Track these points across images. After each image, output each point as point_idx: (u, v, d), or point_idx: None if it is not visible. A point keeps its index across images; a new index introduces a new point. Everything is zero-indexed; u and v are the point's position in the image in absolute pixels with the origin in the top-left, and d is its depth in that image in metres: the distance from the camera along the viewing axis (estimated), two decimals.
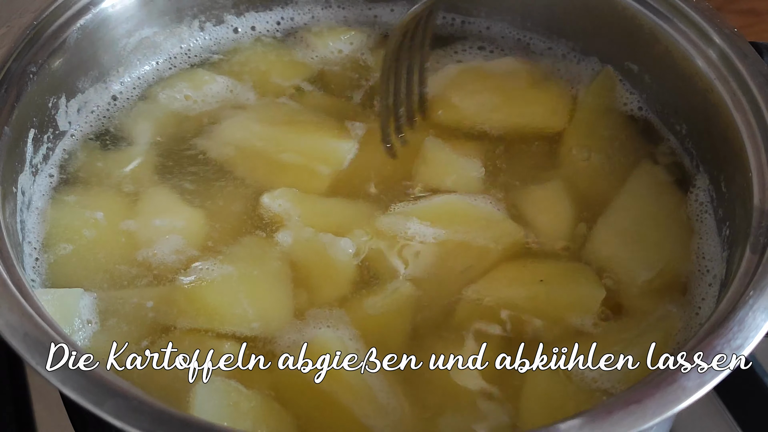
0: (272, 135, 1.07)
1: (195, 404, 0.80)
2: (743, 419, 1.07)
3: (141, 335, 0.90)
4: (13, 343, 0.72)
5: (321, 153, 1.06)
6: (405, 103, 1.09)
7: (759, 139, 0.92)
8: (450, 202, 1.01)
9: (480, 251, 0.97)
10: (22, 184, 0.98)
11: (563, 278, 0.94)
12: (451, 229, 0.98)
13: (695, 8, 1.02)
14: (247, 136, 1.07)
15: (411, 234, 0.98)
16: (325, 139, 1.07)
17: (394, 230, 0.98)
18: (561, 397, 0.85)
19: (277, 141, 1.06)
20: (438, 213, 0.99)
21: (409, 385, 0.88)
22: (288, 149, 1.05)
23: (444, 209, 1.00)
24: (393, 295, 0.93)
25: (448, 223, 0.98)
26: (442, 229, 0.98)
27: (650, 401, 0.69)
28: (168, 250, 0.97)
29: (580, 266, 0.97)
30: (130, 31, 1.14)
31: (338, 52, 1.21)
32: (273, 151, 1.05)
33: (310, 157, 1.05)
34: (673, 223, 1.00)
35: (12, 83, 0.96)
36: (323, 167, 1.05)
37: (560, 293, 0.93)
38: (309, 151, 1.06)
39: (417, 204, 1.01)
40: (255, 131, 1.08)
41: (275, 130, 1.08)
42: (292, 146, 1.05)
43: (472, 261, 0.96)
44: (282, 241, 0.98)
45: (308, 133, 1.08)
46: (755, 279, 0.79)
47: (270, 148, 1.06)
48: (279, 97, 1.15)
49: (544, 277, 0.94)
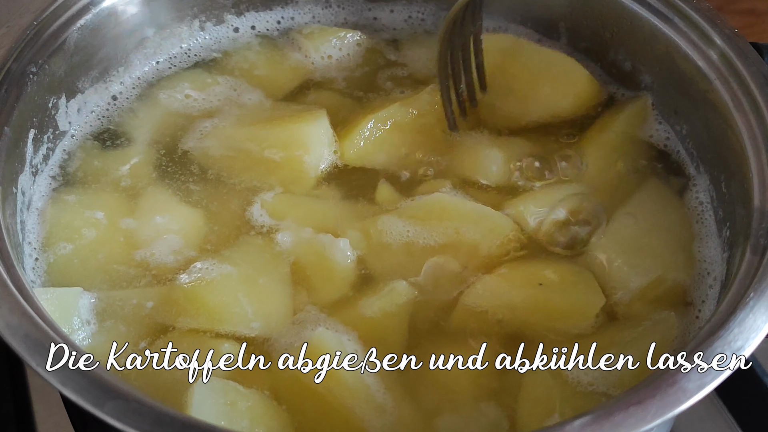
0: (252, 134, 1.07)
1: (193, 404, 0.79)
2: (743, 419, 1.07)
3: (140, 335, 0.91)
4: (13, 344, 0.72)
5: (297, 141, 1.05)
6: (465, 79, 1.10)
7: (759, 140, 0.92)
8: (439, 200, 1.00)
9: (474, 247, 0.97)
10: (22, 185, 0.98)
11: (563, 283, 0.94)
12: (443, 227, 0.98)
13: (695, 9, 1.02)
14: (238, 136, 1.07)
15: (405, 233, 0.98)
16: (296, 127, 1.06)
17: (388, 230, 0.98)
18: (558, 400, 0.85)
19: (260, 139, 1.06)
20: (428, 211, 0.99)
21: (407, 386, 0.88)
22: (270, 145, 1.05)
23: (434, 207, 0.99)
24: (389, 295, 0.93)
25: (438, 221, 0.98)
26: (435, 226, 0.98)
27: (651, 402, 0.69)
28: (167, 249, 0.98)
29: (580, 271, 0.96)
30: (130, 31, 1.14)
31: (338, 49, 1.21)
32: (257, 149, 1.05)
33: (289, 147, 1.05)
34: (673, 225, 1.00)
35: (12, 83, 0.96)
36: (305, 156, 1.05)
37: (559, 299, 0.92)
38: (287, 143, 1.05)
39: (408, 203, 1.01)
40: (238, 133, 1.07)
41: (255, 129, 1.07)
42: (270, 141, 1.05)
43: (468, 259, 0.96)
44: (281, 242, 0.98)
45: (282, 125, 1.07)
46: (755, 280, 0.79)
47: (254, 147, 1.06)
48: (279, 97, 1.15)
49: (543, 280, 0.93)
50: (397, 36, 1.23)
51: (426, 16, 1.25)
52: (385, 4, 1.25)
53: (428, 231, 0.98)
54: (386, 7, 1.25)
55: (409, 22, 1.24)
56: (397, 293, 0.93)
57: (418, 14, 1.25)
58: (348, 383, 0.84)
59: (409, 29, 1.24)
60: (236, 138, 1.07)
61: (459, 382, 0.88)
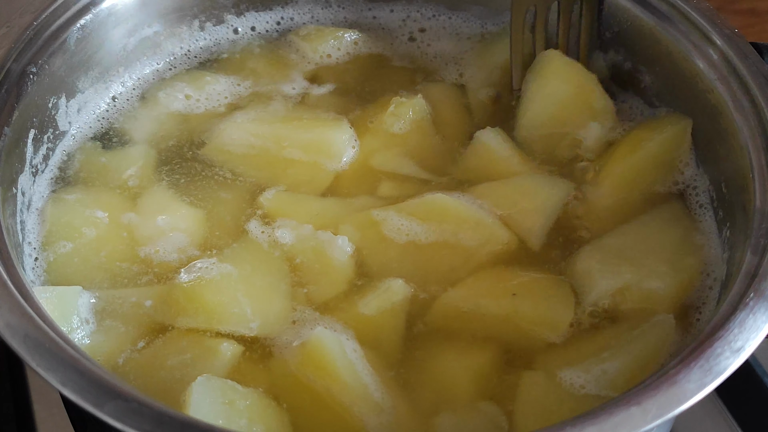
0: (271, 133, 1.07)
1: (191, 403, 0.79)
2: (743, 419, 1.07)
3: (139, 334, 0.90)
4: (13, 344, 0.72)
5: (320, 146, 1.06)
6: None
7: (759, 140, 0.92)
8: (440, 200, 1.00)
9: (467, 251, 0.96)
10: (22, 185, 0.98)
11: (536, 294, 0.93)
12: (441, 228, 0.97)
13: (695, 9, 1.02)
14: (245, 135, 1.07)
15: (403, 231, 0.98)
16: (323, 132, 1.07)
17: (386, 227, 0.98)
18: (554, 402, 0.85)
19: (278, 138, 1.06)
20: (428, 210, 0.99)
21: (404, 385, 0.88)
22: (289, 145, 1.05)
23: (434, 207, 0.99)
24: (386, 293, 0.93)
25: (437, 222, 0.98)
26: (433, 226, 0.97)
27: (651, 403, 0.69)
28: (167, 249, 0.98)
29: (557, 282, 0.95)
30: (130, 31, 1.14)
31: (337, 49, 1.21)
32: (274, 148, 1.05)
33: (310, 151, 1.05)
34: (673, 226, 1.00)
35: (12, 83, 0.96)
36: (325, 160, 1.05)
37: (529, 310, 0.91)
38: (309, 145, 1.05)
39: (409, 201, 1.01)
40: (254, 130, 1.07)
41: (274, 128, 1.08)
42: (292, 142, 1.05)
43: (458, 261, 0.96)
44: (281, 240, 0.98)
45: (307, 127, 1.08)
46: (756, 281, 0.79)
47: (270, 145, 1.06)
48: (278, 97, 1.15)
49: (518, 290, 0.93)
50: (396, 35, 1.23)
51: (426, 16, 1.25)
52: (385, 4, 1.25)
53: (426, 230, 0.98)
54: (386, 7, 1.25)
55: (408, 22, 1.24)
56: (393, 291, 0.93)
57: (417, 14, 1.25)
58: (346, 382, 0.84)
59: (408, 29, 1.24)
60: (252, 136, 1.07)
61: (456, 381, 0.88)
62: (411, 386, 0.88)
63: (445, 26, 1.24)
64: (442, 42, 1.22)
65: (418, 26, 1.24)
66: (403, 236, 0.98)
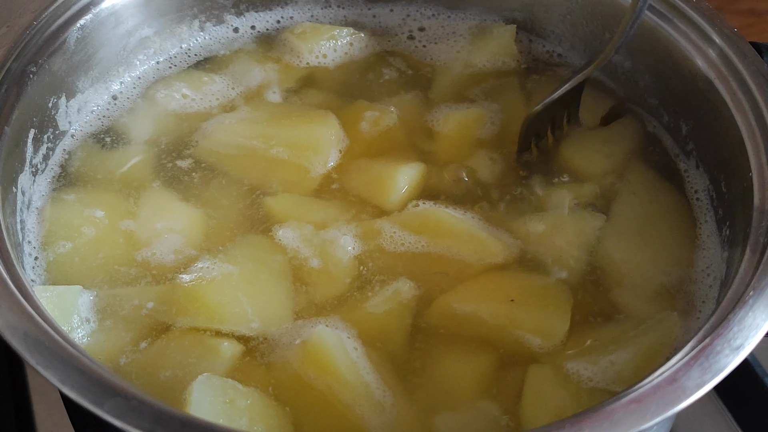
0: (260, 132, 1.07)
1: (192, 401, 0.80)
2: (743, 419, 1.07)
3: (140, 333, 0.90)
4: (13, 343, 0.72)
5: (305, 142, 1.05)
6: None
7: (759, 139, 0.92)
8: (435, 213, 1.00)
9: (461, 261, 0.96)
10: (22, 184, 0.98)
11: (533, 302, 0.92)
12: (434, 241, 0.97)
13: (695, 8, 1.03)
14: (239, 135, 1.07)
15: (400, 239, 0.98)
16: (308, 128, 1.07)
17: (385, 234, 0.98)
18: (560, 397, 0.85)
19: (265, 137, 1.06)
20: (422, 223, 0.99)
21: (406, 384, 0.88)
22: (275, 144, 1.05)
23: (429, 219, 0.99)
24: (392, 294, 0.93)
25: (431, 236, 0.97)
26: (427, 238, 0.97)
27: (651, 400, 0.69)
28: (167, 248, 0.98)
29: (557, 289, 0.95)
30: (130, 31, 1.14)
31: (333, 50, 1.20)
32: (262, 148, 1.05)
33: (296, 147, 1.05)
34: (673, 225, 1.00)
35: (12, 83, 0.96)
36: (311, 156, 1.05)
37: (525, 318, 0.91)
38: (294, 142, 1.05)
39: (405, 211, 1.01)
40: (246, 130, 1.08)
41: (263, 127, 1.08)
42: (279, 140, 1.05)
43: (453, 268, 0.96)
44: (282, 240, 0.98)
45: (292, 125, 1.07)
46: (755, 279, 0.79)
47: (259, 145, 1.06)
48: (278, 97, 1.15)
49: (516, 296, 0.92)
50: (396, 35, 1.23)
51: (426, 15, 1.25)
52: (384, 4, 1.25)
53: (420, 241, 0.97)
54: (386, 7, 1.25)
55: (408, 21, 1.24)
56: (401, 291, 0.93)
57: (417, 13, 1.25)
58: (347, 381, 0.84)
59: (408, 28, 1.24)
60: (239, 137, 1.07)
61: (458, 380, 0.88)
62: (412, 385, 0.88)
63: (444, 25, 1.24)
64: (441, 41, 1.22)
65: (417, 25, 1.24)
66: (400, 245, 0.98)
